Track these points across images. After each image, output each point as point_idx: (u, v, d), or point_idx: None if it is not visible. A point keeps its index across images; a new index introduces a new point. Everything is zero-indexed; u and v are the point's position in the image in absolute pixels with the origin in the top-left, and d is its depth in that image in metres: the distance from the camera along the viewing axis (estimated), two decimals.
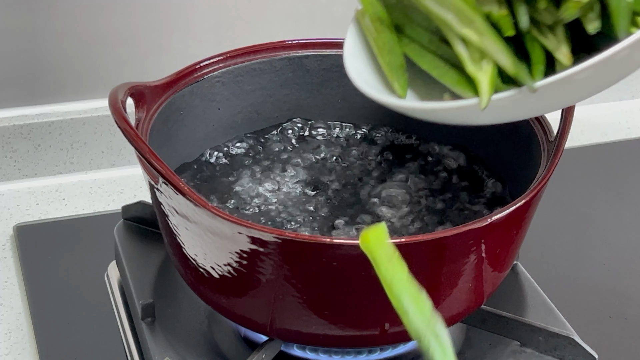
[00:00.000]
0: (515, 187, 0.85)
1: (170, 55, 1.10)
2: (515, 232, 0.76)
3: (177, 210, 0.73)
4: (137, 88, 0.81)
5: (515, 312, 0.84)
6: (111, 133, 1.10)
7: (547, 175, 0.75)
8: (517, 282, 0.88)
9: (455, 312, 0.76)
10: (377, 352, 0.80)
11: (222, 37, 1.11)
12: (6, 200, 1.07)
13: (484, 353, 0.82)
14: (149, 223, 0.92)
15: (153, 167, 0.71)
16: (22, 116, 1.08)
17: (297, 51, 0.90)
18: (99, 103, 1.10)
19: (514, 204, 0.72)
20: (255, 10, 1.11)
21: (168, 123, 0.83)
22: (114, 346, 0.87)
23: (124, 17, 1.08)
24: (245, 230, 0.69)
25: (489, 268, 0.75)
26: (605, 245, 1.02)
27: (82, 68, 1.09)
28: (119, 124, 0.74)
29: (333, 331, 0.73)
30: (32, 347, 0.88)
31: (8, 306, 0.93)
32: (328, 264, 0.69)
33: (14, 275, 0.97)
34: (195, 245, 0.74)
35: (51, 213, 1.05)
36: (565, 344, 0.81)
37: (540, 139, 0.80)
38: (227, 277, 0.73)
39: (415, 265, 0.71)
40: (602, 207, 1.09)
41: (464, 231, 0.70)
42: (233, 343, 0.82)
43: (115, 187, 1.10)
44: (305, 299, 0.72)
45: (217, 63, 0.88)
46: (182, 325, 0.83)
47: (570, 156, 1.11)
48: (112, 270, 0.93)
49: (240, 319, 0.77)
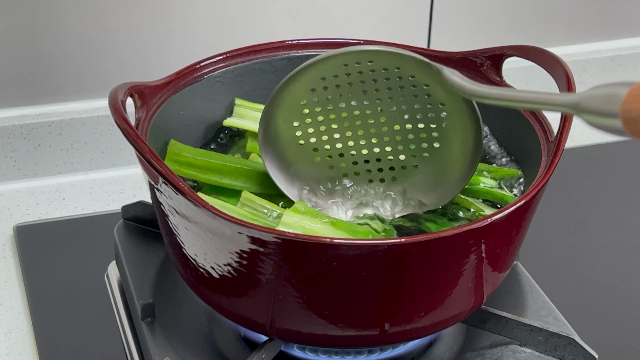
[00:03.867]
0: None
1: (170, 55, 1.10)
2: (515, 232, 0.76)
3: (177, 210, 0.73)
4: (137, 88, 0.81)
5: (515, 312, 0.84)
6: (111, 133, 1.10)
7: (547, 175, 0.75)
8: (517, 282, 0.88)
9: (455, 312, 0.76)
10: (377, 352, 0.80)
11: (222, 37, 1.11)
12: (6, 200, 1.07)
13: (484, 353, 0.82)
14: (149, 223, 0.92)
15: (153, 167, 0.71)
16: (22, 116, 1.08)
17: (297, 51, 0.90)
18: (99, 103, 1.10)
19: (514, 204, 0.72)
20: (255, 10, 1.11)
21: (168, 123, 0.83)
22: (114, 346, 0.87)
23: (124, 17, 1.08)
24: (245, 230, 0.69)
25: (489, 268, 0.75)
26: (605, 245, 1.02)
27: (82, 68, 1.09)
28: (119, 124, 0.74)
29: (333, 331, 0.73)
30: (32, 347, 0.88)
31: (8, 306, 0.93)
32: (328, 264, 0.69)
33: (14, 275, 0.97)
34: (195, 245, 0.74)
35: (51, 213, 1.05)
36: (565, 344, 0.81)
37: (540, 139, 0.80)
38: (227, 277, 0.73)
39: (416, 265, 0.71)
40: (602, 207, 1.08)
41: (464, 231, 0.70)
42: (233, 343, 0.82)
43: (115, 187, 1.10)
44: (305, 299, 0.72)
45: (217, 63, 0.88)
46: (182, 325, 0.83)
47: (570, 156, 1.11)
48: (112, 270, 0.93)
49: (240, 319, 0.77)
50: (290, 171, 0.82)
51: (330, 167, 0.83)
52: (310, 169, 0.83)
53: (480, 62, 0.88)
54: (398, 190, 0.83)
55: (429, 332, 0.78)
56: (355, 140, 0.82)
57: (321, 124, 0.81)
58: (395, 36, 1.00)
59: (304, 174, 0.82)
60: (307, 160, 0.82)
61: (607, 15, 1.26)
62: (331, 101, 0.80)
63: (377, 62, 0.78)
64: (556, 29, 1.25)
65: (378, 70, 0.79)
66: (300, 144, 0.82)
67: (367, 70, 0.79)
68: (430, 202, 0.82)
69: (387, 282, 0.71)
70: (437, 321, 0.75)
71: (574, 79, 0.80)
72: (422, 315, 0.74)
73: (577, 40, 1.26)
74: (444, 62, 0.89)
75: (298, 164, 0.82)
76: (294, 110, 0.80)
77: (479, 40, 0.89)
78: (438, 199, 0.82)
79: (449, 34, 1.19)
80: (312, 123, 0.81)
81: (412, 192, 0.83)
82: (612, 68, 1.27)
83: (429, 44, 1.19)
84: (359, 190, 0.83)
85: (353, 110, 0.81)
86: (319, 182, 0.83)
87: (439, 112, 0.80)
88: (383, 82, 0.79)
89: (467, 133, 0.80)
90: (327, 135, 0.82)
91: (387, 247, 0.69)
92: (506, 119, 0.86)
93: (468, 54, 0.89)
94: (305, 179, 0.82)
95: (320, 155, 0.83)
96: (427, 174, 0.82)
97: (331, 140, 0.82)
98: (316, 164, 0.83)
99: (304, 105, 0.80)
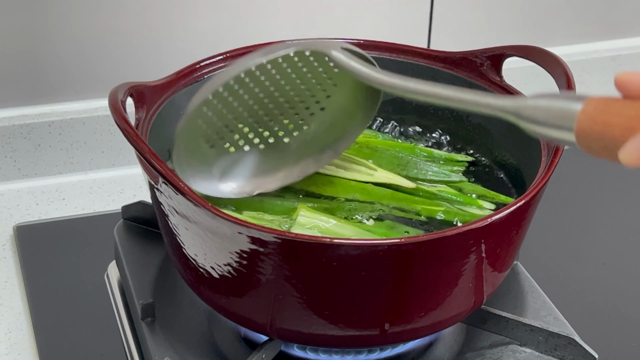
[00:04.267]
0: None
1: (170, 55, 1.10)
2: (515, 232, 0.76)
3: (177, 210, 0.73)
4: (137, 88, 0.81)
5: (515, 312, 0.84)
6: (111, 133, 1.10)
7: (547, 175, 0.75)
8: (517, 282, 0.88)
9: (455, 312, 0.76)
10: (377, 352, 0.80)
11: (222, 37, 1.11)
12: (6, 200, 1.07)
13: (484, 353, 0.82)
14: (149, 223, 0.92)
15: (153, 167, 0.71)
16: (22, 116, 1.08)
17: None
18: (99, 103, 1.10)
19: (514, 204, 0.72)
20: (255, 10, 1.11)
21: (168, 123, 0.83)
22: (114, 346, 0.87)
23: (124, 17, 1.08)
24: (245, 230, 0.69)
25: (489, 268, 0.75)
26: (605, 245, 1.02)
27: (82, 68, 1.09)
28: (119, 124, 0.74)
29: (333, 331, 0.73)
30: (32, 347, 0.88)
31: (8, 306, 0.93)
32: (328, 264, 0.69)
33: (14, 275, 0.97)
34: (195, 245, 0.74)
35: (51, 213, 1.05)
36: (565, 344, 0.81)
37: (540, 139, 0.80)
38: (227, 277, 0.73)
39: (416, 265, 0.71)
40: (602, 207, 1.08)
41: (464, 231, 0.70)
42: (233, 343, 0.82)
43: (115, 187, 1.10)
44: (305, 299, 0.72)
45: (217, 63, 0.88)
46: (182, 325, 0.83)
47: (570, 156, 1.11)
48: (112, 270, 0.93)
49: (240, 319, 0.77)
50: (213, 172, 0.82)
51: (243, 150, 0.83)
52: (227, 160, 0.82)
53: (480, 62, 0.88)
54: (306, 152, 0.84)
55: (429, 332, 0.78)
56: (262, 122, 0.82)
57: (228, 129, 0.80)
58: (395, 36, 1.00)
59: (223, 165, 0.82)
60: (224, 156, 0.82)
61: (607, 15, 1.26)
62: (233, 111, 0.79)
63: (274, 68, 0.78)
64: (556, 29, 1.25)
65: (278, 71, 0.79)
66: (214, 151, 0.81)
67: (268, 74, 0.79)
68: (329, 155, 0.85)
69: (387, 282, 0.71)
70: (437, 321, 0.75)
71: (574, 79, 0.80)
72: (422, 315, 0.74)
73: (577, 40, 1.26)
74: (444, 62, 0.89)
75: (217, 163, 0.82)
76: (202, 135, 0.80)
77: (479, 40, 0.89)
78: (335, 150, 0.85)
79: (449, 34, 1.19)
80: (220, 134, 0.80)
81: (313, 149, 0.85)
82: (612, 68, 1.27)
83: (429, 44, 1.19)
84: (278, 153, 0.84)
85: (253, 105, 0.80)
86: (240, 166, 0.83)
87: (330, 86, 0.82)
88: (284, 75, 0.79)
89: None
90: (236, 134, 0.81)
91: (387, 247, 0.69)
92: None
93: (468, 54, 0.89)
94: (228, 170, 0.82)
95: (234, 147, 0.82)
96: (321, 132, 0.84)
97: (240, 134, 0.82)
98: (231, 154, 0.82)
99: (209, 128, 0.79)
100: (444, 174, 0.87)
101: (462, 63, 0.89)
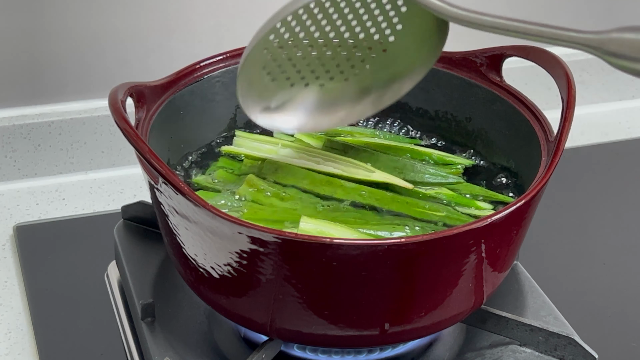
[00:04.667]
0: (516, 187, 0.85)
1: (170, 55, 1.10)
2: (515, 232, 0.76)
3: (177, 210, 0.73)
4: (137, 88, 0.81)
5: (515, 312, 0.84)
6: (111, 133, 1.10)
7: (547, 175, 0.75)
8: (517, 282, 0.88)
9: (455, 312, 0.76)
10: (377, 352, 0.80)
11: (222, 37, 1.11)
12: (6, 200, 1.07)
13: (484, 353, 0.82)
14: (149, 223, 0.92)
15: (153, 167, 0.71)
16: (22, 116, 1.08)
17: None
18: (99, 103, 1.10)
19: (514, 204, 0.72)
20: (255, 10, 1.11)
21: (168, 123, 0.83)
22: (114, 346, 0.87)
23: (124, 17, 1.08)
24: (245, 230, 0.69)
25: (489, 268, 0.75)
26: (605, 245, 1.02)
27: (82, 68, 1.09)
28: (119, 124, 0.74)
29: (333, 331, 0.73)
30: (32, 347, 0.88)
31: (8, 306, 0.93)
32: (328, 264, 0.69)
33: (14, 275, 0.97)
34: (195, 245, 0.74)
35: (51, 213, 1.05)
36: (565, 344, 0.81)
37: (540, 139, 0.80)
38: (227, 277, 0.73)
39: (416, 266, 0.71)
40: (602, 207, 1.08)
41: (464, 231, 0.70)
42: (233, 343, 0.82)
43: (115, 187, 1.10)
44: (305, 299, 0.72)
45: (217, 63, 0.88)
46: (182, 325, 0.83)
47: (570, 156, 1.11)
48: (112, 270, 0.93)
49: (240, 319, 0.77)
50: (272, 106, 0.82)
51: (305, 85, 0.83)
52: (287, 95, 0.83)
53: (480, 62, 0.88)
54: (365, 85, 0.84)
55: (429, 332, 0.78)
56: (325, 58, 0.82)
57: (291, 62, 0.81)
58: None
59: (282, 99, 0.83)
60: (284, 90, 0.82)
61: (607, 15, 1.25)
62: (298, 43, 0.80)
63: None
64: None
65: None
66: (276, 84, 0.82)
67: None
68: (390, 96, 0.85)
69: (387, 282, 0.71)
70: (437, 321, 0.75)
71: (574, 79, 0.80)
72: (422, 315, 0.74)
73: None
74: (444, 62, 0.89)
75: (276, 96, 0.82)
76: (266, 68, 0.80)
77: (479, 40, 0.89)
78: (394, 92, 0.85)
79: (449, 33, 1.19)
80: (282, 67, 0.81)
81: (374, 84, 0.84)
82: (612, 68, 1.26)
83: None
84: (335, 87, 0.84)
85: (318, 39, 0.80)
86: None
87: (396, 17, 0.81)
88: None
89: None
90: (299, 68, 0.82)
91: (387, 247, 0.69)
92: (506, 119, 0.86)
93: (468, 54, 0.89)
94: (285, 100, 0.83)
95: (295, 82, 0.82)
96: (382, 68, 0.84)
97: (303, 67, 0.82)
98: (291, 89, 0.83)
99: (273, 60, 0.80)
100: (442, 176, 0.86)
101: (462, 63, 0.89)
